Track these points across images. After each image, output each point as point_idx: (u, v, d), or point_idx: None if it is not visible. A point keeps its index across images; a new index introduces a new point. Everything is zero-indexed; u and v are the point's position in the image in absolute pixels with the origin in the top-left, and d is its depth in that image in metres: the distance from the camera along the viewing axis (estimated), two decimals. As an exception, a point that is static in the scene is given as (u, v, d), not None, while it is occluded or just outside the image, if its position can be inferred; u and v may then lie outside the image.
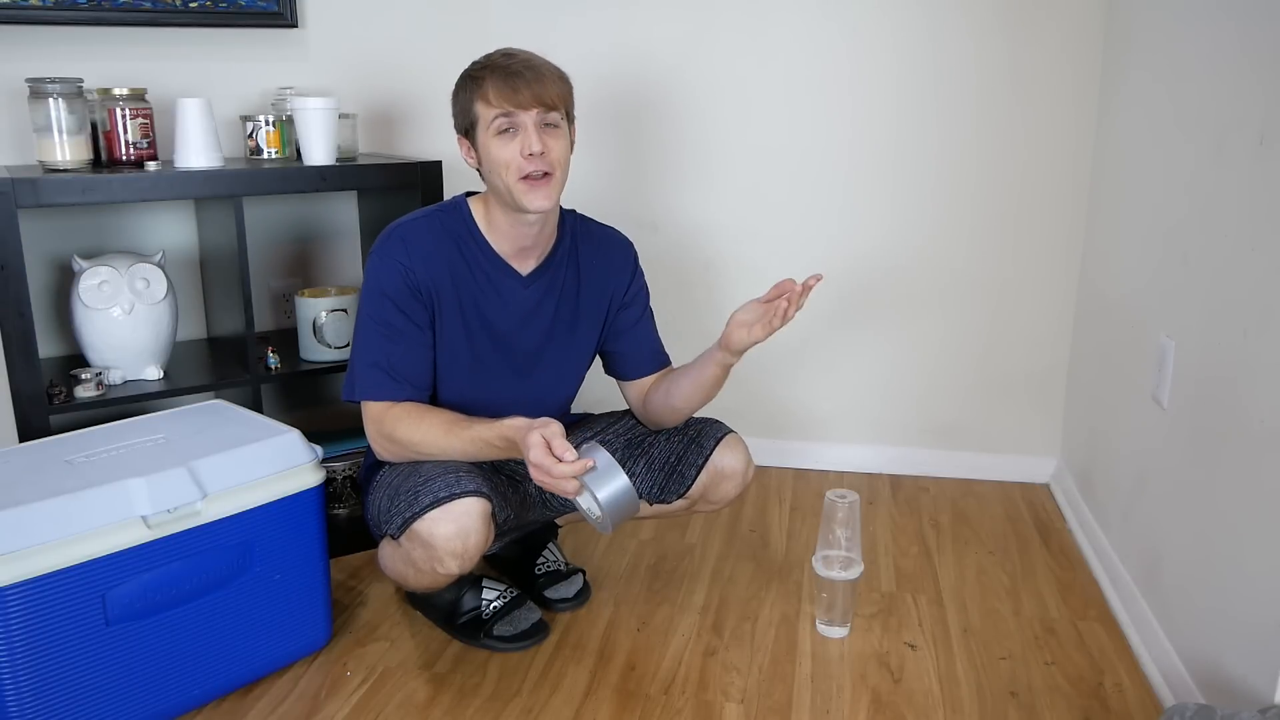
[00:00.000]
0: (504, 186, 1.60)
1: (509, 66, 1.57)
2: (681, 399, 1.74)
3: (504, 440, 1.55)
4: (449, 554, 1.54)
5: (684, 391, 1.73)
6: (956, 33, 2.28)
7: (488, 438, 1.57)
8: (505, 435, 1.54)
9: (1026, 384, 2.45)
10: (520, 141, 1.57)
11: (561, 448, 1.45)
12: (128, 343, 1.91)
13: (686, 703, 1.60)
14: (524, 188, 1.58)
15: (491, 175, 1.61)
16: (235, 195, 1.88)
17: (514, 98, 1.55)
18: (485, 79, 1.57)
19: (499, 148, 1.58)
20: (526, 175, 1.57)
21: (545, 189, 1.59)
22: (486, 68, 1.58)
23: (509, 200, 1.61)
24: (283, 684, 1.65)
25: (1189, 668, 1.52)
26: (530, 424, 1.49)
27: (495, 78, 1.56)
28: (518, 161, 1.57)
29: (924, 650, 1.74)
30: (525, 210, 1.61)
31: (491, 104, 1.56)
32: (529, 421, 1.50)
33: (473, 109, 1.59)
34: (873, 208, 2.40)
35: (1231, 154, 1.47)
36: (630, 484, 1.47)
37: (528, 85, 1.55)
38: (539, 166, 1.57)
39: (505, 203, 1.63)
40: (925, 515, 2.30)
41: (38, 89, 1.82)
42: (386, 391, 1.64)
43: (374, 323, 1.65)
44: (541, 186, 1.59)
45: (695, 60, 2.40)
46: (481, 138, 1.60)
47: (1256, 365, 1.36)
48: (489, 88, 1.56)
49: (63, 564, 1.37)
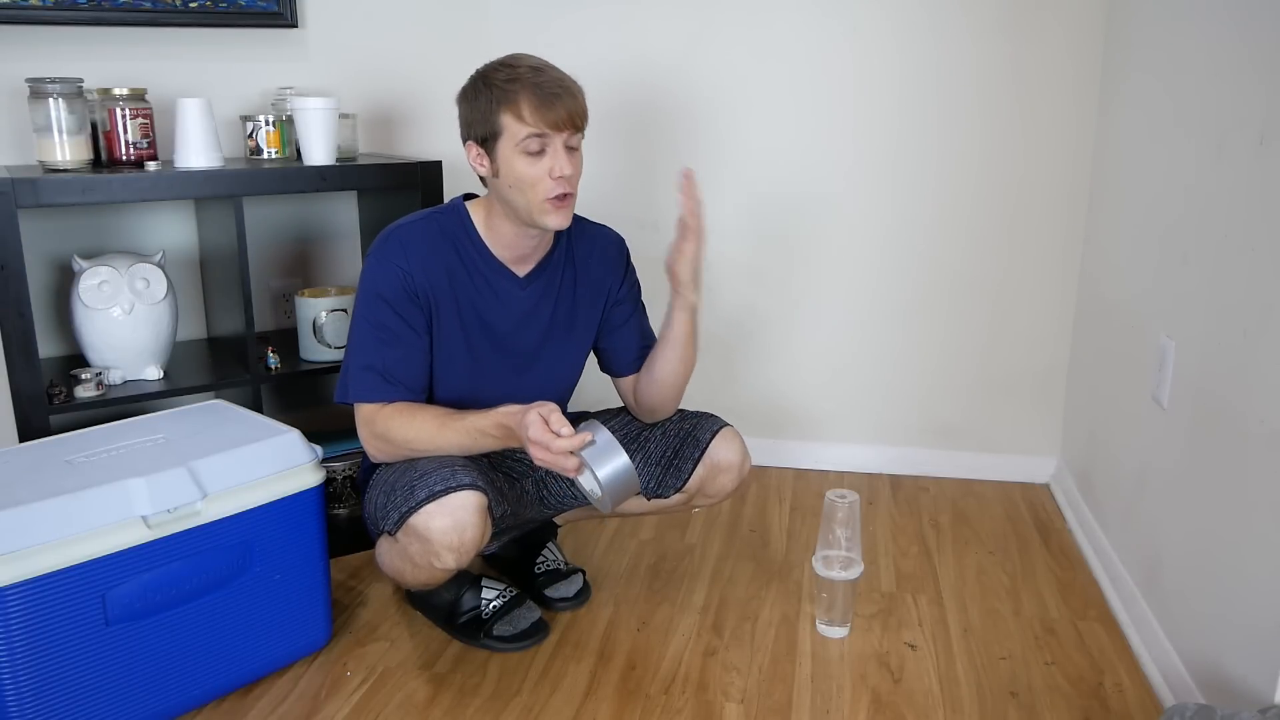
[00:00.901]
0: (524, 204, 1.58)
1: (544, 85, 1.53)
2: (660, 368, 1.75)
3: (500, 428, 1.55)
4: (445, 548, 1.54)
5: (661, 359, 1.74)
6: (957, 33, 2.28)
7: (483, 426, 1.57)
8: (500, 422, 1.55)
9: (1026, 384, 2.45)
10: (549, 162, 1.55)
11: (559, 423, 1.46)
12: (128, 343, 1.92)
13: (686, 703, 1.60)
14: (548, 207, 1.57)
15: (511, 190, 1.58)
16: (235, 195, 1.88)
17: (551, 117, 1.52)
18: (519, 92, 1.52)
19: (527, 166, 1.55)
20: (554, 196, 1.56)
21: (567, 210, 1.60)
22: (518, 81, 1.53)
23: (525, 216, 1.60)
24: (283, 684, 1.65)
25: (1189, 668, 1.52)
26: (526, 406, 1.51)
27: (531, 95, 1.52)
28: (546, 183, 1.55)
29: (924, 650, 1.74)
30: (544, 229, 1.61)
31: (526, 122, 1.53)
32: (524, 405, 1.52)
33: (497, 120, 1.55)
34: (873, 207, 2.40)
35: (1231, 154, 1.47)
36: (630, 462, 1.48)
37: (565, 107, 1.53)
38: (565, 188, 1.57)
39: (518, 217, 1.62)
40: (925, 515, 2.30)
41: (38, 89, 1.82)
42: (379, 394, 1.64)
43: (369, 325, 1.64)
44: (564, 208, 1.59)
45: (695, 60, 2.40)
46: (505, 151, 1.56)
47: (1256, 365, 1.36)
48: (524, 104, 1.52)
49: (63, 564, 1.37)
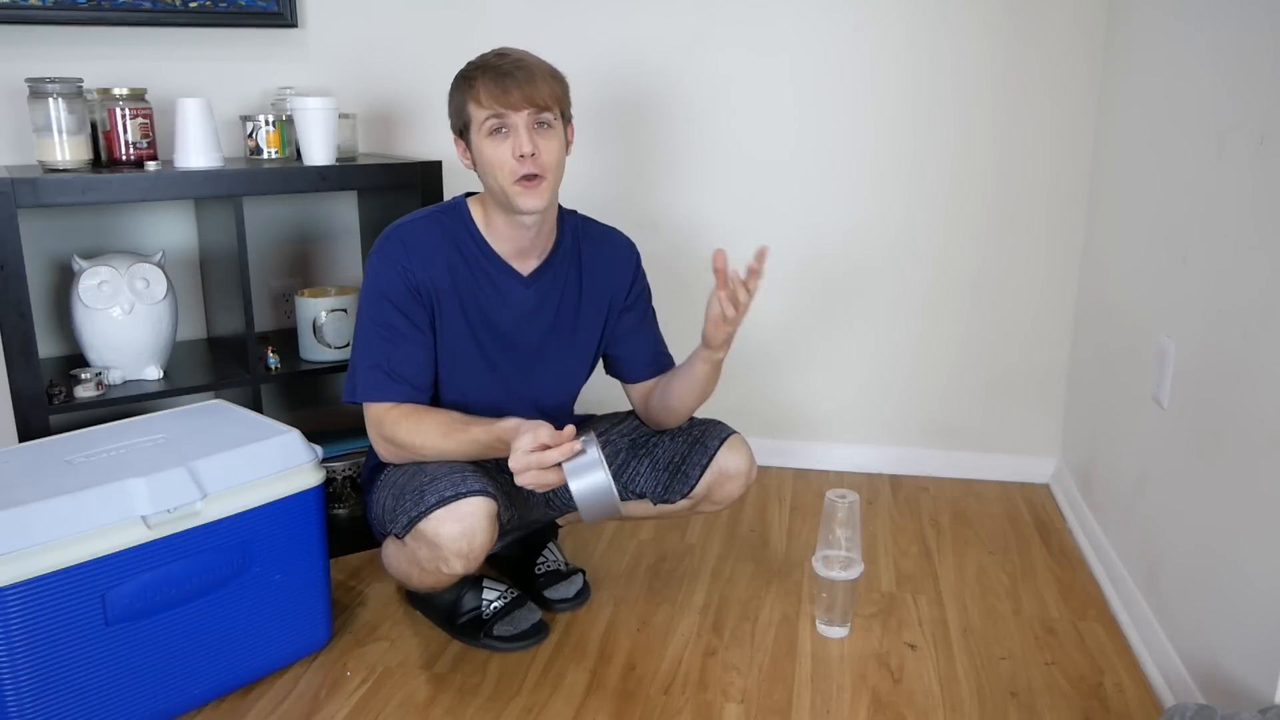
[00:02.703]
0: (498, 188, 1.60)
1: (500, 67, 1.57)
2: (677, 399, 1.76)
3: (500, 441, 1.57)
4: (454, 554, 1.55)
5: (678, 392, 1.75)
6: (957, 33, 2.28)
7: (484, 440, 1.59)
8: (500, 437, 1.56)
9: (1026, 384, 2.45)
10: (512, 143, 1.57)
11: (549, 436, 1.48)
12: (128, 343, 1.91)
13: (686, 703, 1.60)
14: (518, 189, 1.59)
15: (485, 176, 1.62)
16: (235, 195, 1.88)
17: (504, 98, 1.55)
18: (477, 79, 1.57)
19: (491, 149, 1.58)
20: (520, 177, 1.58)
21: (537, 191, 1.59)
22: (479, 68, 1.58)
23: (503, 201, 1.62)
24: (283, 684, 1.65)
25: (1189, 668, 1.52)
26: (520, 425, 1.53)
27: (486, 78, 1.56)
28: (510, 163, 1.57)
29: (924, 650, 1.74)
30: (519, 211, 1.61)
31: (483, 105, 1.56)
32: (521, 421, 1.54)
33: (466, 110, 1.60)
34: (873, 208, 2.40)
35: (1231, 154, 1.47)
36: (608, 482, 1.46)
37: (518, 86, 1.55)
38: (530, 168, 1.57)
39: (500, 204, 1.64)
40: (925, 515, 2.30)
41: (38, 89, 1.82)
42: (387, 393, 1.64)
43: (374, 324, 1.65)
44: (533, 188, 1.59)
45: (695, 60, 2.40)
46: (475, 139, 1.60)
47: (1256, 365, 1.36)
48: (480, 88, 1.56)
49: (63, 564, 1.37)
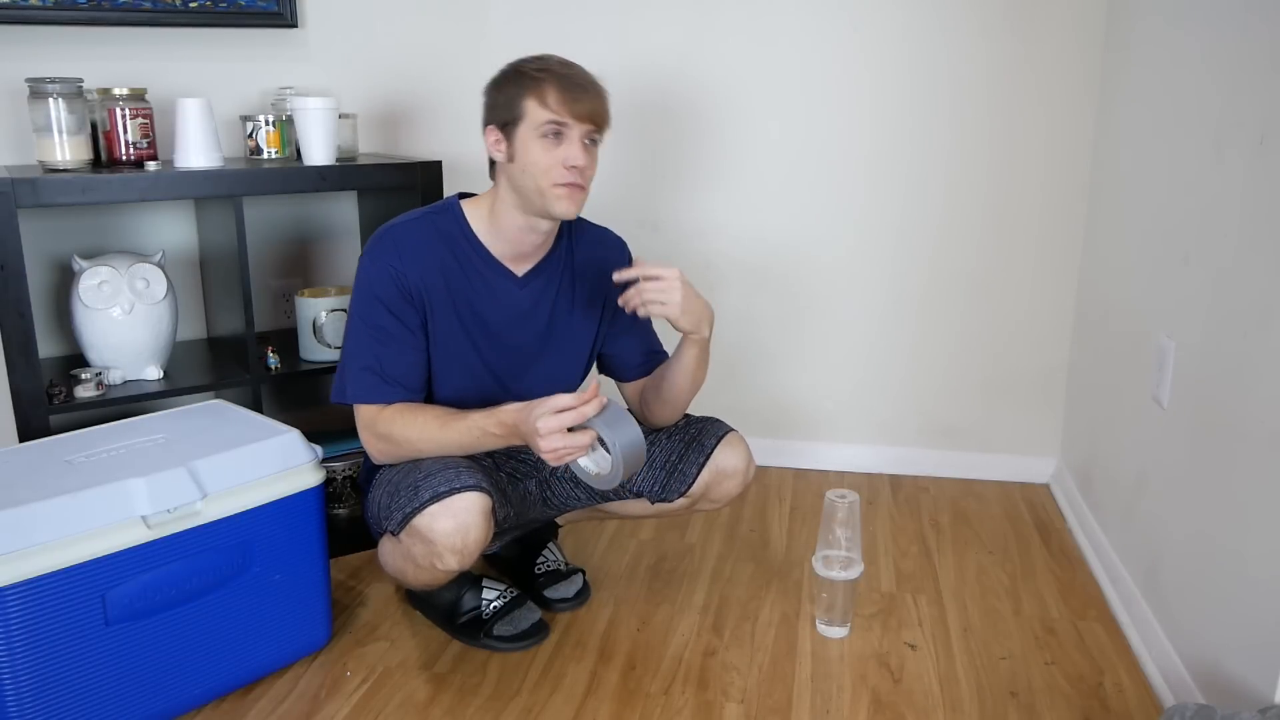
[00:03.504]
0: (534, 188, 1.59)
1: (571, 76, 1.57)
2: (670, 389, 1.76)
3: (503, 425, 1.57)
4: (449, 550, 1.54)
5: (670, 380, 1.76)
6: (957, 33, 2.28)
7: (486, 425, 1.58)
8: (504, 420, 1.57)
9: (1026, 384, 2.45)
10: (565, 150, 1.57)
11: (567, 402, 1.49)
12: (128, 343, 1.92)
13: (686, 703, 1.60)
14: (559, 192, 1.59)
15: (522, 175, 1.60)
16: (235, 195, 1.88)
17: (574, 107, 1.55)
18: (546, 81, 1.56)
19: (542, 151, 1.57)
20: (565, 182, 1.58)
21: (576, 200, 1.61)
22: (547, 71, 1.57)
23: (535, 202, 1.61)
24: (283, 684, 1.65)
25: (1189, 668, 1.52)
26: (531, 404, 1.53)
27: (558, 83, 1.56)
28: (558, 169, 1.57)
29: (924, 650, 1.74)
30: (550, 215, 1.62)
31: (549, 108, 1.55)
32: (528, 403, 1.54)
33: (521, 105, 1.57)
34: (873, 208, 2.40)
35: (1231, 154, 1.47)
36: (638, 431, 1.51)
37: (589, 100, 1.57)
38: (576, 178, 1.58)
39: (527, 204, 1.63)
40: (925, 515, 2.30)
41: (38, 89, 1.82)
42: (378, 394, 1.64)
43: (365, 325, 1.64)
44: (574, 196, 1.60)
45: (696, 61, 2.40)
46: (523, 136, 1.58)
47: (1256, 365, 1.36)
48: (549, 91, 1.55)
49: (63, 564, 1.37)
